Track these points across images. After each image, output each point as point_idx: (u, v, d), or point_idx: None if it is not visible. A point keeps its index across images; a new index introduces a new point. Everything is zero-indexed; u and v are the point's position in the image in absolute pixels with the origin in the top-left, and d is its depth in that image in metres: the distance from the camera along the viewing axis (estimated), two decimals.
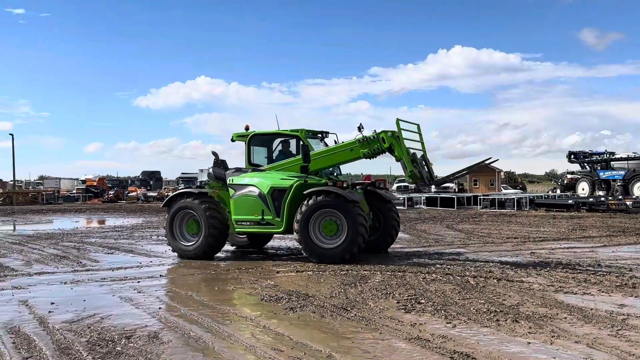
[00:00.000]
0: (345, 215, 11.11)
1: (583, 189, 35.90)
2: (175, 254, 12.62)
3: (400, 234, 17.53)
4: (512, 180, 57.81)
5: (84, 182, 61.49)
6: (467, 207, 34.01)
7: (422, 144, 12.06)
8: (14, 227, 22.27)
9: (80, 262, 11.94)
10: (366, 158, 11.89)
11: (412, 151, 11.56)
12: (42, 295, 8.48)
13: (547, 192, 44.74)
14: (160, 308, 7.54)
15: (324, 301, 7.79)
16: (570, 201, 29.63)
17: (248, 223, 12.12)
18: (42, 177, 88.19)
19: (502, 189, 47.07)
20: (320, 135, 12.91)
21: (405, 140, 11.57)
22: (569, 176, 43.22)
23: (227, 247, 14.35)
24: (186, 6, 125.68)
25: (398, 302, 7.65)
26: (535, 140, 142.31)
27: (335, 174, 12.91)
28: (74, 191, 58.07)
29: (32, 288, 9.04)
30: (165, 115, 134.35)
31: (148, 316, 7.11)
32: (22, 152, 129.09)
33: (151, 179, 67.72)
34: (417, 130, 12.08)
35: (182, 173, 63.46)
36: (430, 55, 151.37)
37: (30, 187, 69.26)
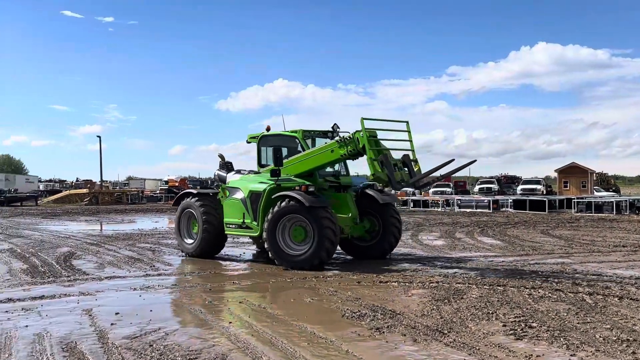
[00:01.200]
0: (310, 220, 10.59)
1: None
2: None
3: (491, 241, 16.17)
4: (605, 182, 53.88)
5: (166, 182, 63.00)
6: (559, 210, 31.71)
7: (411, 142, 11.29)
8: (101, 228, 22.49)
9: (154, 266, 11.47)
10: (346, 159, 11.46)
11: (385, 152, 10.78)
12: (108, 303, 7.93)
13: None
14: (230, 323, 6.75)
15: (415, 320, 6.73)
16: None
17: (233, 226, 12.09)
18: (129, 178, 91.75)
19: (594, 191, 43.76)
20: (330, 134, 12.19)
21: (389, 141, 11.21)
22: None
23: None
24: (264, 11, 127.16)
25: (504, 325, 6.46)
26: (626, 140, 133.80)
27: (335, 175, 12.16)
28: (157, 191, 59.65)
29: (99, 295, 8.53)
30: (244, 117, 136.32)
31: (217, 333, 6.33)
32: (112, 153, 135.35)
33: None
34: (406, 129, 11.34)
35: None
36: (512, 52, 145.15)
37: (118, 187, 71.88)
